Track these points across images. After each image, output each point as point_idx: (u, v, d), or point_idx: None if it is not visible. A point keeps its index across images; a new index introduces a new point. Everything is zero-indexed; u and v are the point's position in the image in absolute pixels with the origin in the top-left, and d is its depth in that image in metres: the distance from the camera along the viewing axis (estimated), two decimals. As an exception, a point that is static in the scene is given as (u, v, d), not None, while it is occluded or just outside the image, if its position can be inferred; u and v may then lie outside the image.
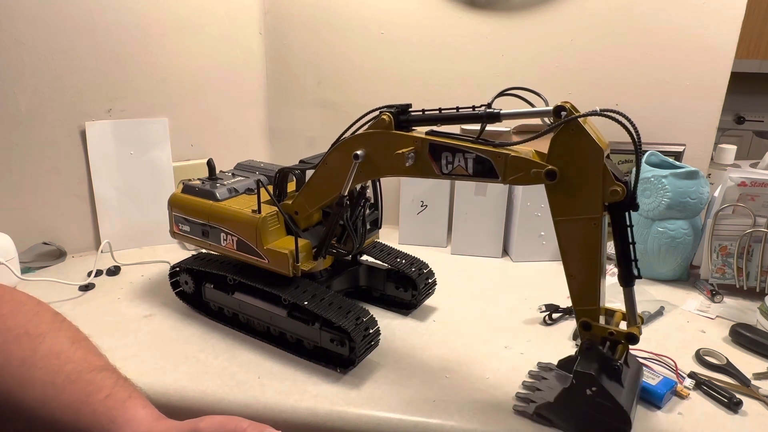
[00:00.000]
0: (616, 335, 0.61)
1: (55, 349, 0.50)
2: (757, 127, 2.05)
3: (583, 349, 0.62)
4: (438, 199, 1.16)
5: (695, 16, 1.08)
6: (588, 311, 0.61)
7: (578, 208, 0.57)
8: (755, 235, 0.95)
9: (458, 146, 0.62)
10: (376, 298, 0.93)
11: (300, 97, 1.30)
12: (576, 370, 0.60)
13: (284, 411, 0.67)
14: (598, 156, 0.55)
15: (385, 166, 0.67)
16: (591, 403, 0.59)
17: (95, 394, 0.48)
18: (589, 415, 0.60)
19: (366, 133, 0.67)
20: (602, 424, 0.60)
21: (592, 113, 0.55)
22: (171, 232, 0.89)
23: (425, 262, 0.91)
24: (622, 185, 0.55)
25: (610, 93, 1.15)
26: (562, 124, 0.55)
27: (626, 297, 0.63)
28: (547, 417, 0.64)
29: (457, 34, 1.17)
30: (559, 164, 0.56)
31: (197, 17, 1.13)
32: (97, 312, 0.89)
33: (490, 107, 0.61)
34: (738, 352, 0.80)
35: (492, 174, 0.61)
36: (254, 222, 0.76)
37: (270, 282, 0.77)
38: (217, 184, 0.85)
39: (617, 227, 0.59)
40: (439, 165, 0.64)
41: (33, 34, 0.97)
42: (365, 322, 0.73)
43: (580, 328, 0.62)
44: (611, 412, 0.59)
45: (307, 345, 0.77)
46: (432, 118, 0.65)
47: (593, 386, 0.59)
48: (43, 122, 1.02)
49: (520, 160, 0.59)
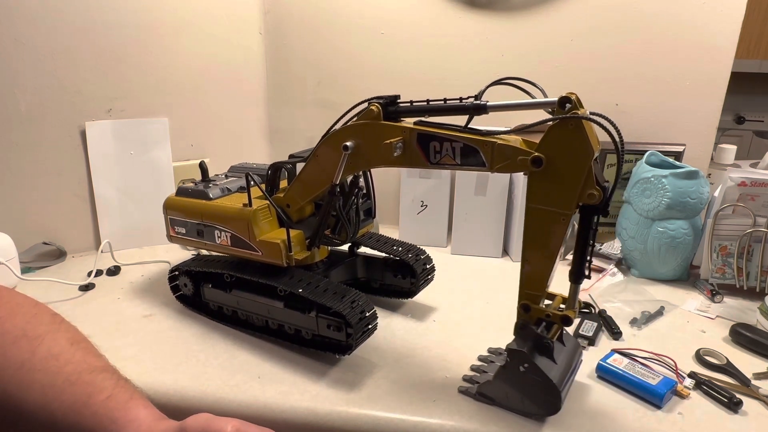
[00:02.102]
0: (552, 317, 0.63)
1: (54, 351, 0.50)
2: (757, 127, 2.05)
3: (518, 329, 0.65)
4: (438, 199, 1.16)
5: (695, 15, 1.08)
6: (532, 296, 0.64)
7: (553, 201, 0.58)
8: (755, 235, 0.95)
9: (446, 135, 0.63)
10: (376, 288, 0.93)
11: (300, 97, 1.30)
12: (509, 348, 0.63)
13: (284, 411, 0.67)
14: (587, 157, 0.55)
15: (374, 157, 0.68)
16: (525, 379, 0.63)
17: (96, 395, 0.48)
18: (524, 391, 0.64)
19: (355, 124, 0.68)
20: (535, 399, 0.63)
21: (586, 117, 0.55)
22: (168, 236, 0.89)
23: (422, 249, 0.91)
24: (599, 190, 0.56)
25: (610, 93, 1.15)
26: (568, 118, 0.55)
27: (572, 291, 0.65)
28: (489, 395, 0.67)
29: (457, 33, 1.17)
30: (548, 154, 0.57)
31: (197, 17, 1.13)
32: (97, 312, 0.89)
33: (477, 99, 0.62)
34: (738, 352, 0.80)
35: (479, 162, 0.62)
36: (246, 215, 0.76)
37: (265, 274, 0.78)
38: (210, 185, 0.86)
39: (583, 227, 0.60)
40: (427, 154, 0.65)
41: (33, 34, 0.97)
42: (360, 305, 0.73)
43: (520, 309, 0.65)
44: (543, 387, 0.62)
45: (305, 335, 0.77)
46: (420, 110, 0.66)
47: (526, 363, 0.62)
48: (43, 122, 1.02)
49: (507, 147, 0.60)
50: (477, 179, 1.11)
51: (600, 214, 0.59)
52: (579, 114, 0.55)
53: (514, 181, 1.10)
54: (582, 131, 0.55)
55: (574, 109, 0.55)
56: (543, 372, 0.61)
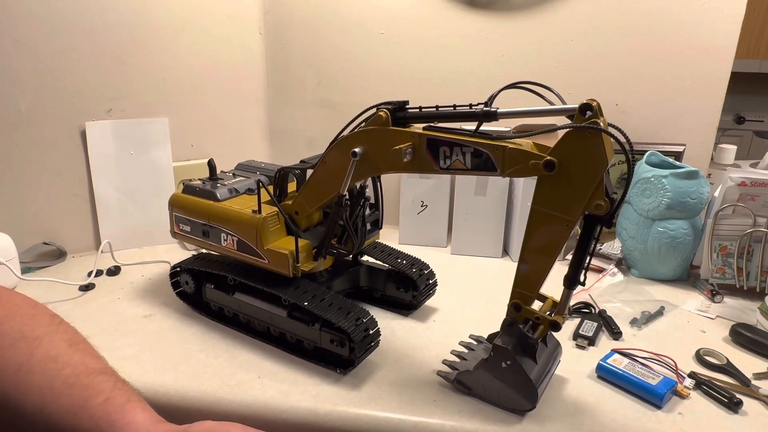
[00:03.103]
0: (541, 321, 0.64)
1: (52, 353, 0.50)
2: (757, 127, 2.05)
3: (505, 326, 0.66)
4: (438, 199, 1.16)
5: (695, 15, 1.08)
6: (524, 295, 0.64)
7: (559, 206, 0.58)
8: (755, 235, 0.95)
9: (456, 140, 0.62)
10: (377, 298, 0.93)
11: (300, 97, 1.30)
12: (495, 344, 0.64)
13: (284, 411, 0.67)
14: (601, 168, 0.55)
15: (383, 163, 0.67)
16: (505, 375, 0.64)
17: (93, 398, 0.48)
18: (502, 385, 0.65)
19: (363, 130, 0.68)
20: (512, 394, 0.65)
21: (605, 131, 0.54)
22: (172, 232, 0.88)
23: (426, 263, 0.91)
24: (607, 201, 0.56)
25: (610, 93, 1.15)
26: (588, 128, 0.54)
27: (564, 295, 0.64)
28: (467, 385, 0.69)
29: (457, 33, 1.17)
30: (561, 159, 0.56)
31: (197, 17, 1.13)
32: (97, 312, 0.89)
33: (488, 105, 0.61)
34: (738, 352, 0.80)
35: (490, 167, 0.61)
36: (254, 222, 0.75)
37: (270, 282, 0.77)
38: (218, 184, 0.84)
39: (585, 235, 0.60)
40: (437, 160, 0.64)
41: (33, 34, 0.97)
42: (365, 323, 0.72)
43: (510, 308, 0.65)
44: (521, 385, 0.64)
45: (307, 345, 0.77)
46: (429, 116, 0.66)
47: (508, 360, 0.64)
48: (43, 122, 1.02)
49: (519, 152, 0.58)
50: (477, 179, 1.11)
51: (604, 225, 0.58)
52: (599, 124, 0.53)
53: (514, 181, 1.10)
54: (600, 142, 0.54)
55: (594, 117, 0.54)
56: (524, 371, 0.63)
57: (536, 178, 0.59)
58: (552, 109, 0.58)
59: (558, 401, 0.69)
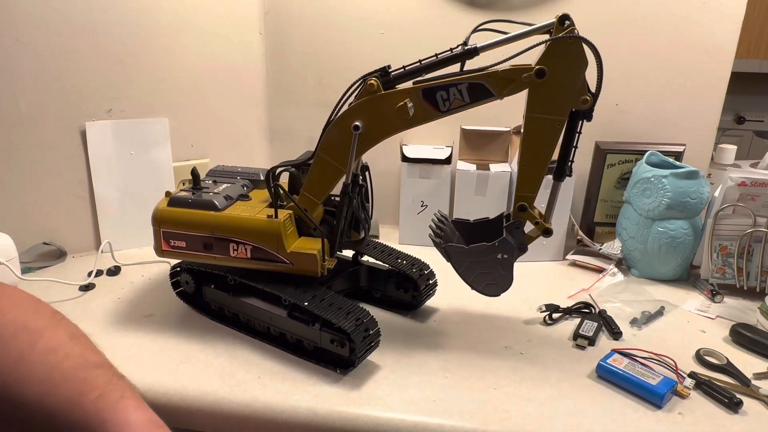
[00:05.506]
0: (539, 225, 0.74)
1: (52, 345, 0.50)
2: (757, 127, 2.05)
3: (512, 227, 0.74)
4: (438, 199, 1.16)
5: (695, 15, 1.08)
6: (527, 197, 0.73)
7: (551, 109, 0.68)
8: (755, 235, 0.95)
9: (450, 82, 0.68)
10: (377, 298, 0.93)
11: (300, 97, 1.30)
12: (504, 238, 0.73)
13: (284, 411, 0.67)
14: (583, 67, 0.65)
15: (386, 127, 0.71)
16: (495, 265, 0.73)
17: (88, 393, 0.47)
18: (484, 271, 0.74)
19: (360, 102, 0.71)
20: (488, 281, 0.75)
21: (581, 38, 0.65)
22: (157, 251, 0.81)
23: (426, 263, 0.91)
24: (591, 95, 0.66)
25: (610, 93, 1.14)
26: (568, 37, 0.64)
27: (552, 192, 0.74)
28: (452, 255, 0.76)
29: (458, 33, 1.16)
30: (549, 66, 0.65)
31: (197, 17, 1.13)
32: (98, 312, 0.89)
33: (465, 45, 0.69)
34: (738, 352, 0.80)
35: (487, 95, 0.68)
36: (274, 227, 0.74)
37: (270, 282, 0.77)
38: (209, 192, 0.80)
39: (569, 130, 0.70)
40: (437, 105, 0.70)
41: (33, 34, 0.97)
42: (365, 323, 0.72)
43: (516, 210, 0.74)
44: (503, 279, 0.74)
45: (307, 345, 0.77)
46: (415, 70, 0.71)
47: (506, 255, 0.72)
48: (43, 122, 1.02)
49: (510, 70, 0.67)
50: (477, 179, 1.11)
51: (585, 118, 0.69)
52: (576, 32, 0.64)
53: (514, 181, 1.10)
54: (580, 45, 0.65)
55: (572, 26, 0.64)
56: (512, 269, 0.73)
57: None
58: (531, 29, 0.68)
59: (558, 401, 0.69)
